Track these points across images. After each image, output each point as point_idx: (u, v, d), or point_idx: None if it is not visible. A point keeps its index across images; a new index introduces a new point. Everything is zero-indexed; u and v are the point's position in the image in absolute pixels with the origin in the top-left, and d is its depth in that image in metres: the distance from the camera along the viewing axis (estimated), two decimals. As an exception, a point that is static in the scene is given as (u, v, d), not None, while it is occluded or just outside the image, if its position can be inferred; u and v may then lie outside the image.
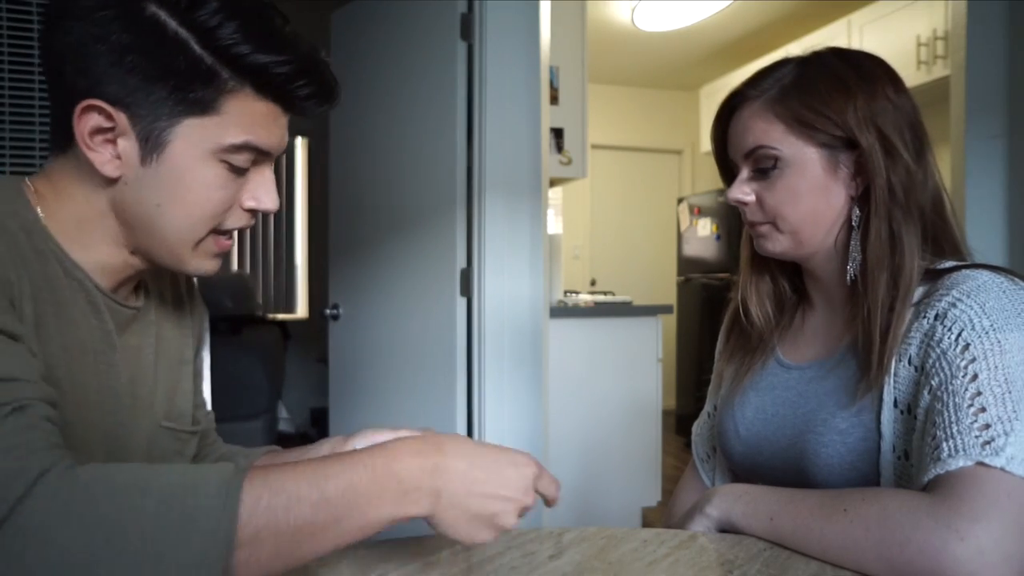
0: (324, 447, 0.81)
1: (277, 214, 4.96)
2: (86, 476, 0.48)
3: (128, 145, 0.64)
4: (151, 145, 0.63)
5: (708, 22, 4.14)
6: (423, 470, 0.56)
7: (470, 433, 2.25)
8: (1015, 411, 0.64)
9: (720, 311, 1.04)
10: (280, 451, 0.89)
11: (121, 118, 0.63)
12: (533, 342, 2.25)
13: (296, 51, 0.65)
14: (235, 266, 4.95)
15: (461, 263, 2.25)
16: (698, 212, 4.49)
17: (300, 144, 4.96)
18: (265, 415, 3.53)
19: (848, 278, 0.83)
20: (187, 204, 0.66)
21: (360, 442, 0.77)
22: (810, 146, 0.81)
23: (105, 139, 0.64)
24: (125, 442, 0.74)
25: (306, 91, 0.67)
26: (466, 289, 2.25)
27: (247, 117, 0.65)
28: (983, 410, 0.65)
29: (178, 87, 0.62)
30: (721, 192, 4.16)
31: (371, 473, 0.54)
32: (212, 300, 3.53)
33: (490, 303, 2.21)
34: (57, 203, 0.68)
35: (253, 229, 4.97)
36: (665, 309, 3.07)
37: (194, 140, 0.64)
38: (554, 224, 3.10)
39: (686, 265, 4.64)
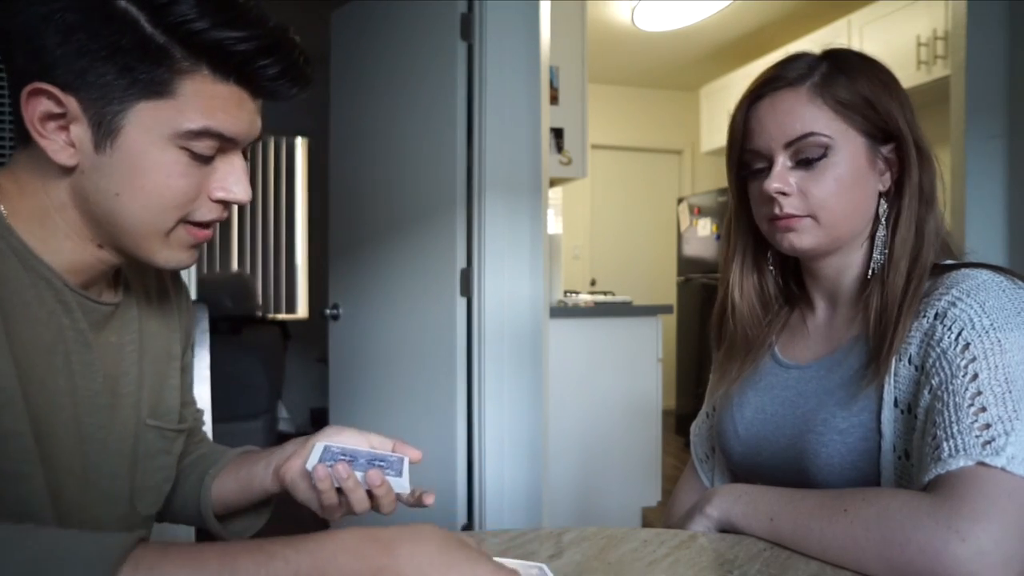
0: (288, 448, 0.79)
1: (277, 214, 4.99)
2: None
3: (81, 131, 0.61)
4: (104, 131, 0.60)
5: (708, 22, 4.13)
6: (362, 574, 0.46)
7: (470, 433, 2.25)
8: (1015, 411, 0.64)
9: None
10: (256, 451, 0.87)
11: (71, 103, 0.59)
12: (533, 342, 2.25)
13: (259, 27, 0.61)
14: (235, 266, 4.95)
15: (461, 263, 2.25)
16: (698, 212, 4.49)
17: (300, 144, 4.96)
18: (265, 415, 3.54)
19: (870, 272, 0.83)
20: (146, 193, 0.62)
21: (321, 441, 0.74)
22: (857, 135, 0.81)
23: (58, 126, 0.61)
24: (104, 443, 0.72)
25: (272, 71, 0.62)
26: (466, 289, 2.25)
27: (206, 100, 0.61)
28: (983, 410, 0.65)
29: (127, 68, 0.58)
30: (722, 192, 4.16)
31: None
32: (212, 300, 3.54)
33: (490, 303, 2.21)
34: (20, 198, 0.65)
35: (253, 229, 4.97)
36: (665, 309, 3.07)
37: (148, 125, 0.60)
38: (554, 224, 3.10)
39: (686, 265, 4.64)
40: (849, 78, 0.80)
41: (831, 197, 0.80)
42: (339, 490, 0.71)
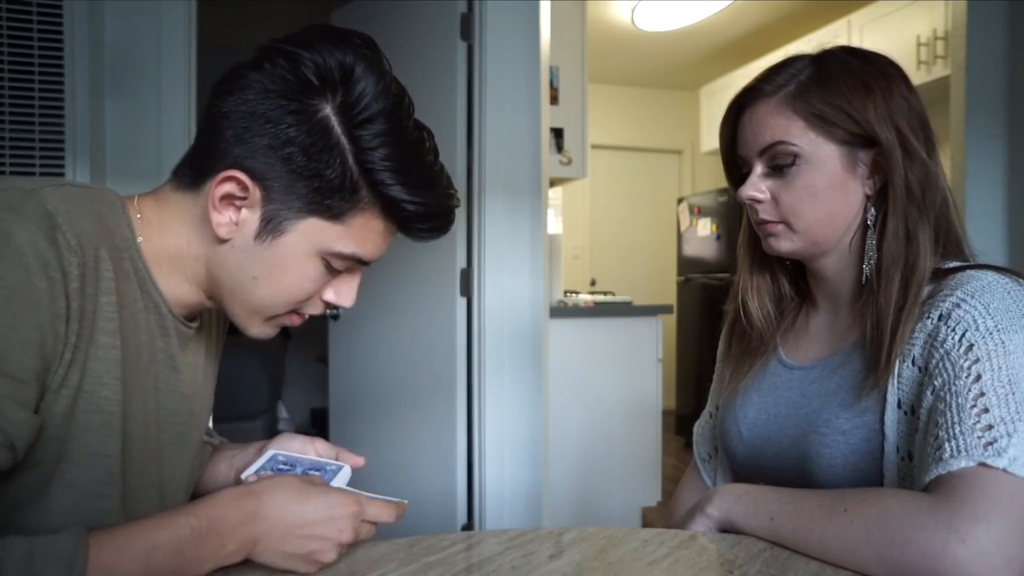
0: (250, 452, 0.86)
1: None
2: None
3: (250, 218, 0.66)
4: (271, 227, 0.66)
5: (708, 22, 4.13)
6: (242, 521, 0.61)
7: (470, 433, 2.25)
8: (1018, 412, 0.64)
9: (720, 311, 1.03)
10: (227, 444, 0.92)
11: (255, 194, 0.64)
12: (533, 342, 2.25)
13: (432, 193, 0.68)
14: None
15: (461, 263, 2.25)
16: (698, 212, 4.49)
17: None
18: (265, 415, 3.53)
19: (863, 277, 0.82)
20: (280, 286, 0.68)
21: (272, 449, 0.81)
22: (830, 143, 0.80)
23: (231, 203, 0.65)
24: (173, 458, 0.76)
25: (427, 226, 0.70)
26: (466, 289, 2.25)
27: (364, 232, 0.68)
28: (986, 411, 0.65)
29: (319, 191, 0.64)
30: (722, 192, 4.16)
31: (195, 536, 0.58)
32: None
33: (490, 303, 2.21)
34: (159, 233, 0.69)
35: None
36: (665, 309, 3.07)
37: (309, 237, 0.66)
38: (554, 224, 3.10)
39: (686, 265, 4.64)
40: (825, 88, 0.80)
41: (801, 204, 0.81)
42: None
